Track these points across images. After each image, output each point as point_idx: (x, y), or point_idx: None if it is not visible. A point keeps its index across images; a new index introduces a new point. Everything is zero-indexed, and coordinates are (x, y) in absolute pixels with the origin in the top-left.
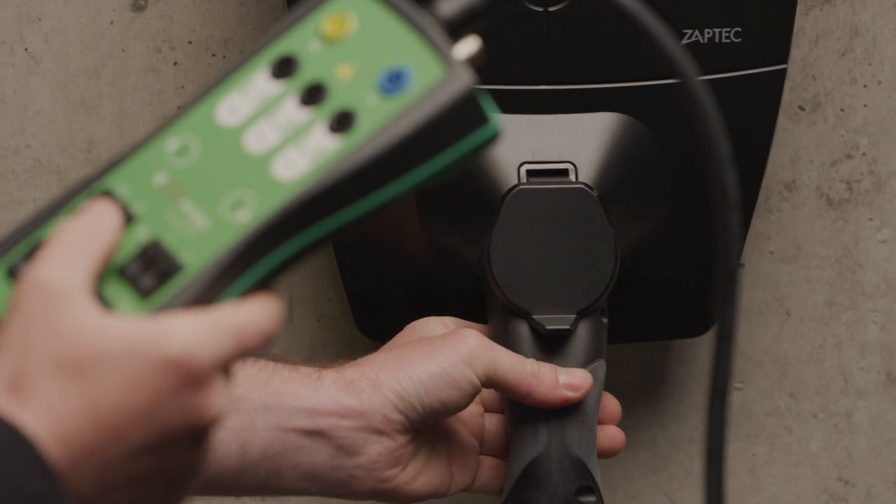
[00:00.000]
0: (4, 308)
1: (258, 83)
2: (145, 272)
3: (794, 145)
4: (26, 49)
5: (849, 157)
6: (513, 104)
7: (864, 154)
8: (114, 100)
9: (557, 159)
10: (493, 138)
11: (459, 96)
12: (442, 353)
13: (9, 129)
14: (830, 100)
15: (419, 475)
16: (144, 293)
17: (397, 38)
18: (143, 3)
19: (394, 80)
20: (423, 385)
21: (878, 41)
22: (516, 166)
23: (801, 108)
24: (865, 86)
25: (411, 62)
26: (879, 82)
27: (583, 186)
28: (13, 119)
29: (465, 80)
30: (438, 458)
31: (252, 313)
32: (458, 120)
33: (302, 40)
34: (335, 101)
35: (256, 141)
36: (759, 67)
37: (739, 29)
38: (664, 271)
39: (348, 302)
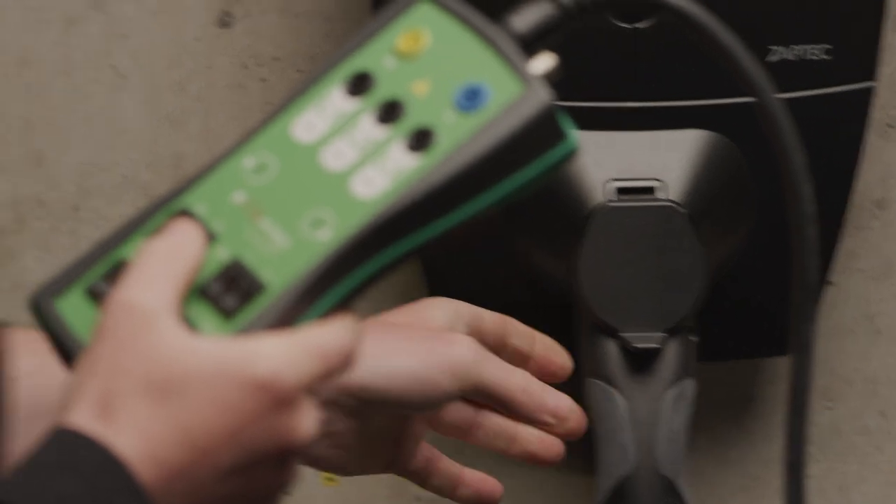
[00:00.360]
0: (87, 328)
1: (334, 100)
2: (227, 292)
3: (883, 163)
4: (113, 66)
5: None
6: (600, 121)
7: None
8: (200, 115)
9: (645, 176)
10: (571, 155)
11: (538, 113)
12: (427, 354)
13: (96, 145)
14: None
15: (333, 446)
16: (227, 313)
17: (472, 54)
18: (228, 19)
19: (471, 97)
20: (392, 382)
21: None
22: (604, 183)
23: (890, 126)
24: None
25: (488, 79)
26: None
27: (671, 204)
28: (100, 136)
29: (543, 96)
30: (363, 435)
31: (336, 334)
32: (538, 137)
33: (376, 57)
34: (412, 119)
35: (334, 159)
36: (847, 84)
37: (828, 46)
38: (752, 289)
39: None
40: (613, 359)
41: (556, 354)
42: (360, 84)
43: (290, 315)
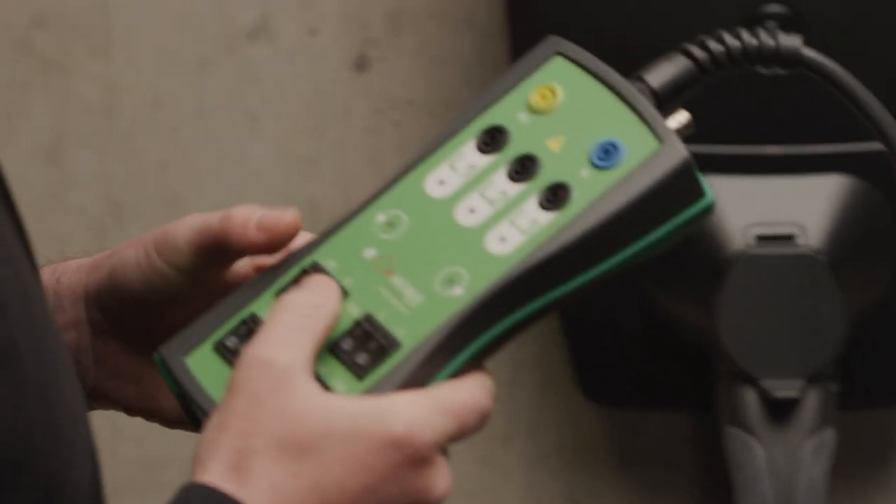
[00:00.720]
0: (217, 385)
1: (467, 155)
2: (359, 350)
3: None
4: (246, 108)
5: None
6: (740, 166)
7: None
8: (333, 159)
9: (784, 222)
10: (708, 211)
11: (676, 169)
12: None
13: (229, 188)
14: None
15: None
16: (359, 371)
17: (607, 110)
18: (364, 62)
19: (607, 154)
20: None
21: None
22: (743, 229)
23: None
24: None
25: (623, 135)
26: None
27: (811, 254)
28: (234, 178)
29: (681, 152)
30: None
31: (469, 392)
32: (675, 193)
33: (510, 112)
34: (547, 174)
35: (468, 215)
36: None
37: None
38: (893, 336)
39: (574, 366)
40: (753, 407)
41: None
42: (494, 139)
43: (423, 373)
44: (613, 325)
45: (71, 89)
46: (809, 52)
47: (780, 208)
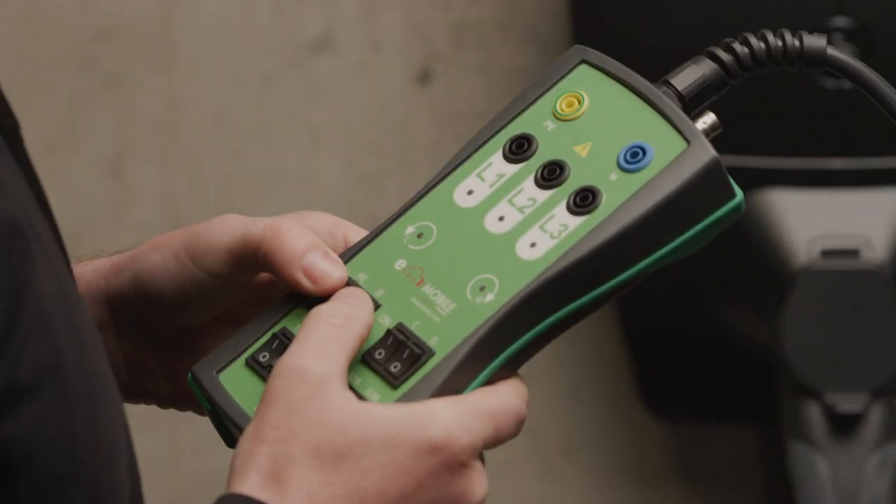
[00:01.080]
0: (251, 399)
1: (496, 164)
2: (392, 359)
3: None
4: (310, 124)
5: None
6: (804, 179)
7: None
8: (397, 174)
9: (850, 236)
10: (738, 211)
11: (705, 169)
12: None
13: (292, 203)
14: None
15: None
16: (393, 380)
17: (633, 114)
18: (428, 76)
19: (634, 157)
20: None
21: None
22: (807, 243)
23: None
24: None
25: (650, 138)
26: None
27: (876, 269)
28: (296, 193)
29: (709, 152)
30: None
31: (505, 398)
32: (705, 193)
33: (537, 120)
34: (576, 179)
35: (497, 222)
36: None
37: None
38: None
39: (638, 380)
40: (816, 421)
41: None
42: (521, 148)
43: (457, 380)
44: (678, 339)
45: (133, 104)
46: (835, 52)
47: (845, 222)
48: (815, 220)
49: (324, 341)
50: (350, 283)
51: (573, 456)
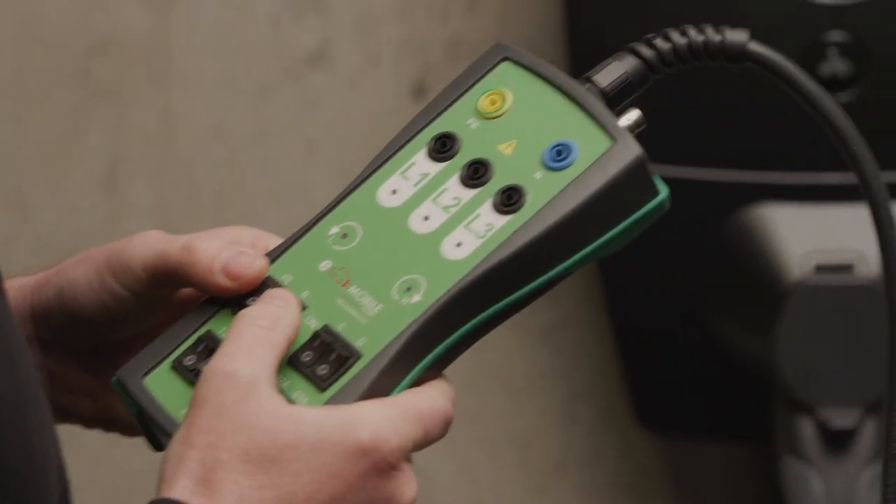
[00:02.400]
0: (178, 403)
1: (419, 164)
2: (320, 361)
3: None
4: (305, 136)
5: None
6: (798, 194)
7: None
8: None
9: (844, 251)
10: (662, 209)
11: (630, 166)
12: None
13: (287, 216)
14: None
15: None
16: (320, 382)
17: (557, 111)
18: (423, 89)
19: (559, 155)
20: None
21: None
22: (801, 258)
23: None
24: None
25: (575, 135)
26: None
27: (870, 284)
28: (291, 207)
29: (634, 149)
30: None
31: (433, 399)
32: (630, 191)
33: (460, 119)
34: (501, 178)
35: (422, 222)
36: None
37: None
38: None
39: (631, 395)
40: (810, 437)
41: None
42: (445, 146)
43: (385, 382)
44: (672, 354)
45: (128, 117)
46: (756, 47)
47: (839, 237)
48: (809, 235)
49: (251, 344)
50: (275, 284)
51: (566, 472)
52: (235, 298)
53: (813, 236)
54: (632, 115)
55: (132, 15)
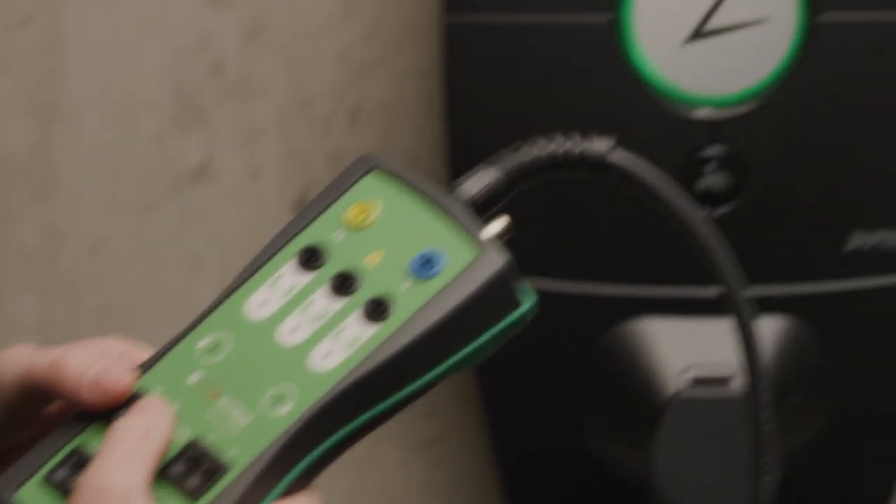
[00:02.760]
0: None
1: (287, 275)
2: (191, 473)
3: None
4: (189, 251)
5: None
6: (676, 307)
7: None
8: None
9: (721, 364)
10: (528, 317)
11: (494, 277)
12: None
13: (171, 332)
14: None
15: None
16: (192, 494)
17: (425, 221)
18: (303, 201)
19: (426, 265)
20: None
21: None
22: (678, 372)
23: None
24: None
25: (442, 245)
26: None
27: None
28: (174, 322)
29: (498, 260)
30: None
31: None
32: (495, 300)
33: (327, 230)
34: (368, 290)
35: (290, 333)
36: None
37: None
38: (829, 478)
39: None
40: None
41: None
42: (312, 258)
43: (254, 494)
44: (551, 467)
45: (10, 233)
46: (618, 156)
47: (717, 350)
48: (687, 349)
49: (124, 456)
50: (146, 396)
51: None
52: (107, 411)
53: (691, 350)
54: (500, 224)
55: (15, 130)
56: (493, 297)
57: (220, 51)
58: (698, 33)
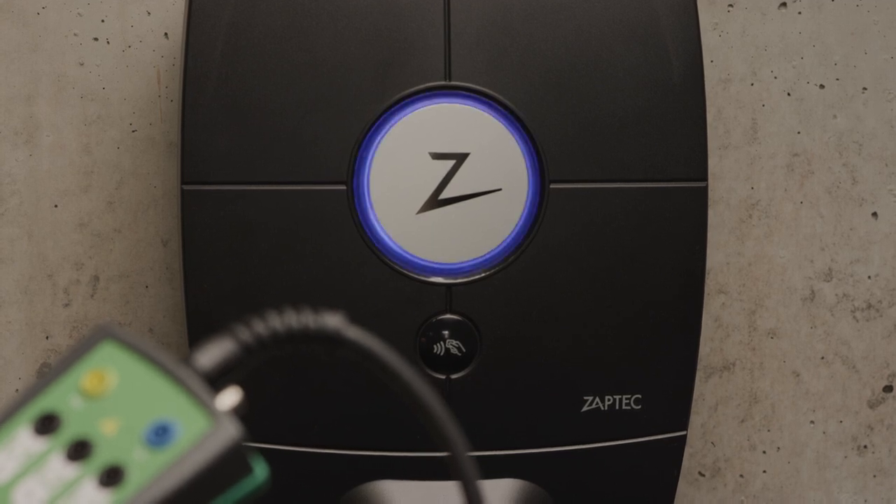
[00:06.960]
0: None
1: (22, 440)
2: None
3: None
4: None
5: None
6: (412, 470)
7: None
8: None
9: None
10: (260, 487)
11: (226, 448)
12: None
13: None
14: (730, 466)
15: None
16: None
17: (160, 391)
18: (44, 370)
19: (160, 434)
20: None
21: (776, 407)
22: None
23: (701, 475)
24: (765, 452)
25: (177, 415)
26: (778, 448)
27: None
28: None
29: (230, 431)
30: None
31: None
32: (226, 470)
33: (62, 397)
34: (102, 457)
35: (25, 498)
36: (659, 434)
37: (640, 396)
38: None
39: None
40: None
41: None
42: (47, 424)
43: None
44: None
45: None
46: (351, 333)
47: None
48: None
49: None
50: None
51: None
52: None
53: None
54: (233, 395)
55: None
56: (225, 467)
57: None
58: (431, 203)
